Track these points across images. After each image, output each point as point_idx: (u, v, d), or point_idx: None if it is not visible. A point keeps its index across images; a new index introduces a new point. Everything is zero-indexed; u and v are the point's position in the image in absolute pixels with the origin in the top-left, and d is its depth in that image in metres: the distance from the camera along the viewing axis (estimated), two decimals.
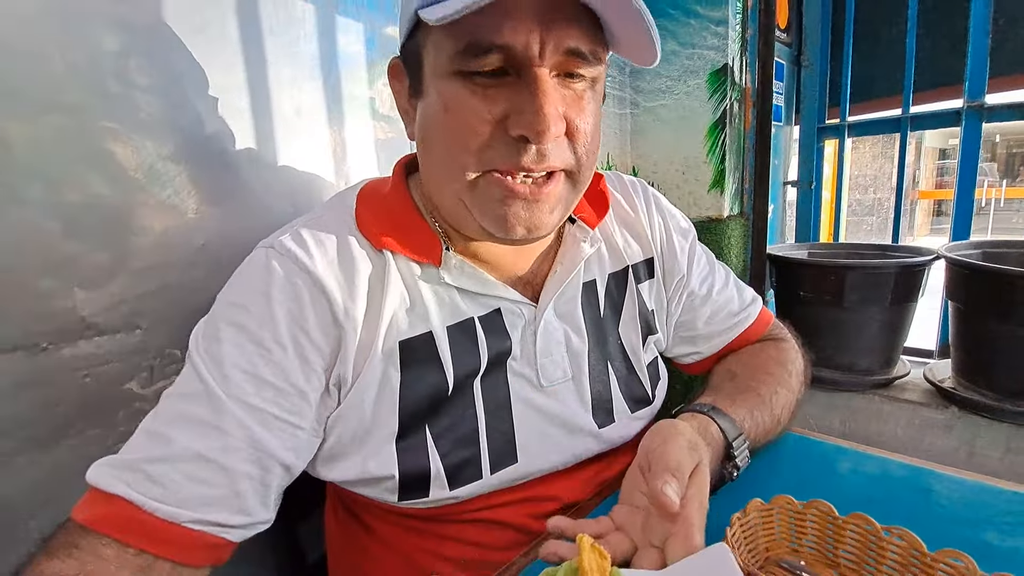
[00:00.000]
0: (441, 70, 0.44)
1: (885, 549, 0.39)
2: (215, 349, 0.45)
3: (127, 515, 0.40)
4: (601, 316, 0.61)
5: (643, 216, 0.67)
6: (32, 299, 0.58)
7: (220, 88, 0.70)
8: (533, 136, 0.42)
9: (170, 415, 0.44)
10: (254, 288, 0.47)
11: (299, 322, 0.46)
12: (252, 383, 0.44)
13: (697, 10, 1.15)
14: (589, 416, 0.58)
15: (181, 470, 0.41)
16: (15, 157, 0.55)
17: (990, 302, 1.03)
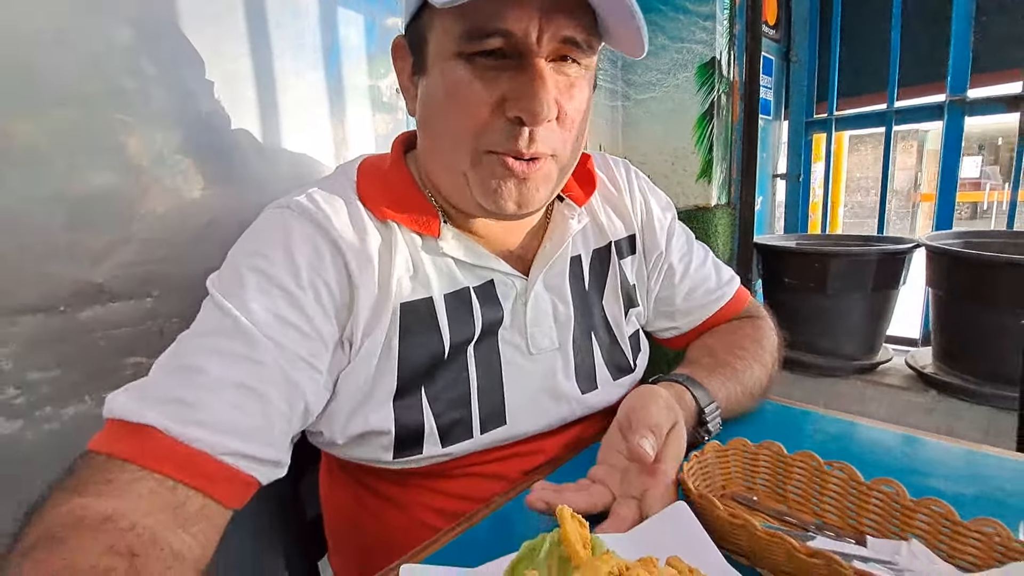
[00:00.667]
0: (445, 51, 0.47)
1: (827, 481, 0.43)
2: (239, 292, 0.45)
3: (163, 446, 0.39)
4: (586, 289, 0.65)
5: (626, 195, 0.70)
6: (53, 266, 0.62)
7: (228, 77, 0.74)
8: (528, 118, 0.45)
9: (198, 349, 0.43)
10: (274, 241, 0.49)
11: (319, 272, 0.48)
12: (279, 324, 0.45)
13: (686, 5, 1.19)
14: (573, 383, 0.61)
15: (221, 398, 0.41)
16: (38, 141, 0.60)
17: (968, 288, 1.06)
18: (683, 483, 0.41)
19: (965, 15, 1.25)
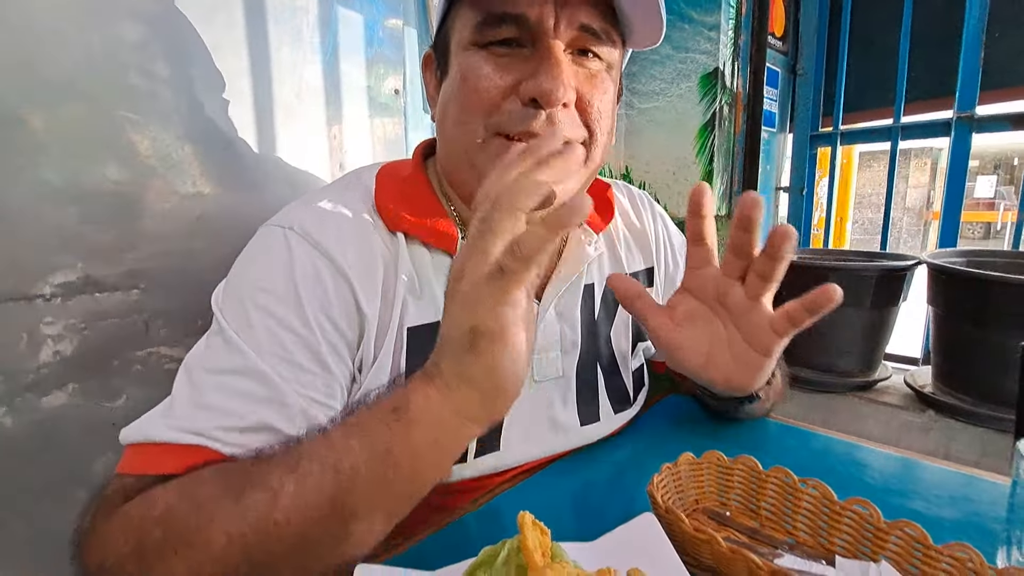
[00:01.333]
0: (463, 44, 0.48)
1: (800, 499, 0.42)
2: (250, 332, 0.44)
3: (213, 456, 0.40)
4: (595, 319, 0.63)
5: (648, 227, 0.70)
6: (44, 255, 0.63)
7: (226, 72, 0.75)
8: (542, 97, 0.44)
9: (221, 389, 0.43)
10: (278, 272, 0.47)
11: (325, 310, 0.46)
12: (292, 369, 0.44)
13: (691, 15, 1.19)
14: (574, 414, 0.60)
15: (256, 439, 0.41)
16: (35, 133, 0.60)
17: (967, 307, 1.05)
18: (651, 496, 0.40)
19: (976, 31, 1.24)
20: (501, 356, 0.36)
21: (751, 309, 0.47)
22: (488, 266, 0.34)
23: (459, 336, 0.36)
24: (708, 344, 0.51)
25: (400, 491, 0.37)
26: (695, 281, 0.51)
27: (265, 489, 0.35)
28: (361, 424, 0.37)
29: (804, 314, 0.44)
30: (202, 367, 0.44)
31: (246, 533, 0.34)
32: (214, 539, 0.34)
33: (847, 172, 3.28)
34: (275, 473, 0.36)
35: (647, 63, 1.27)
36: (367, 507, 0.36)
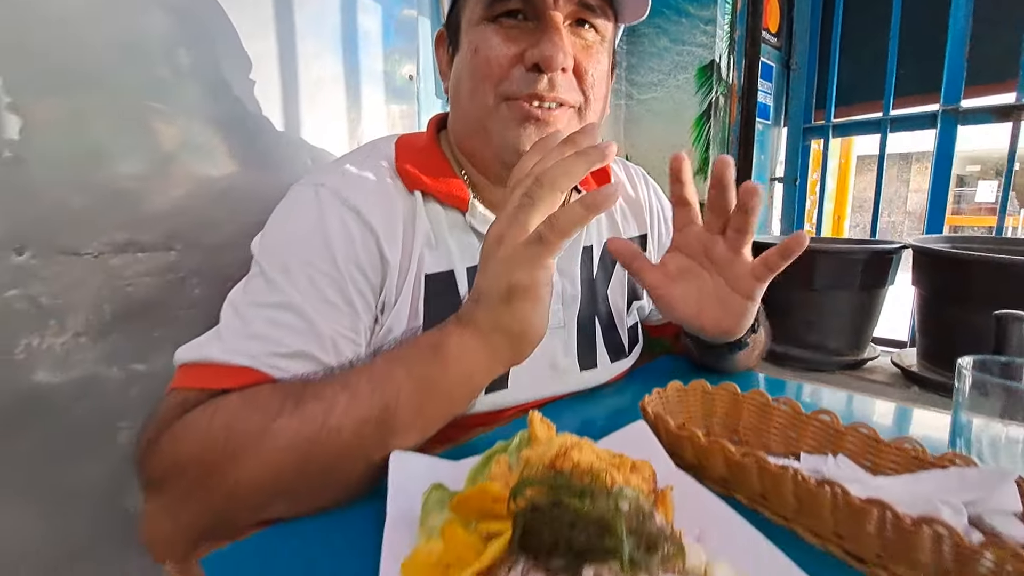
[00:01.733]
0: (474, 20, 0.54)
1: (772, 414, 0.47)
2: (286, 277, 0.49)
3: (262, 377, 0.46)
4: (593, 277, 0.70)
5: (643, 198, 0.77)
6: (91, 215, 0.69)
7: (254, 56, 0.81)
8: (543, 62, 0.50)
9: (265, 321, 0.48)
10: (311, 223, 0.52)
11: (353, 257, 0.52)
12: (325, 306, 0.50)
13: (688, 9, 1.25)
14: (574, 360, 0.66)
15: (294, 364, 0.47)
16: (89, 104, 0.67)
17: (950, 287, 1.10)
18: (642, 409, 0.46)
19: (960, 29, 1.30)
20: (531, 309, 0.43)
21: (733, 260, 0.55)
22: (527, 234, 0.41)
23: (496, 290, 0.43)
24: (698, 295, 0.59)
25: (434, 413, 0.44)
26: (682, 239, 0.58)
27: (321, 400, 0.41)
28: (404, 357, 0.44)
29: (778, 259, 0.51)
30: (246, 303, 0.49)
31: (305, 437, 0.40)
32: (275, 441, 0.39)
33: (845, 172, 3.33)
34: (330, 389, 0.42)
35: (646, 55, 1.33)
36: (406, 423, 0.42)
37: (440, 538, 0.32)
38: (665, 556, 0.25)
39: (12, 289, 0.65)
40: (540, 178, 0.41)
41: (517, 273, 0.42)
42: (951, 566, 0.30)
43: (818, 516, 0.35)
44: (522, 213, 0.41)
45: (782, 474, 0.36)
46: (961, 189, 12.15)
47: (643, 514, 0.25)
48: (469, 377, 0.45)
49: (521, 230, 0.41)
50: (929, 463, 0.39)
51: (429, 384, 0.43)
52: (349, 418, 0.40)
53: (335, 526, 0.40)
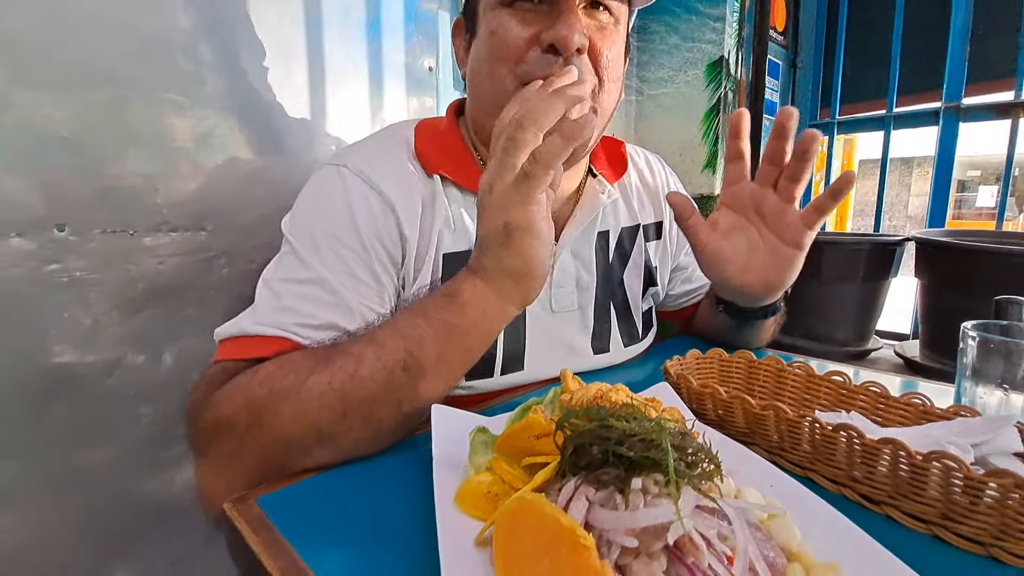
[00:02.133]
0: (490, 5, 0.55)
1: (787, 377, 0.50)
2: (315, 252, 0.52)
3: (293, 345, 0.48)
4: (609, 262, 0.72)
5: (660, 185, 0.79)
6: (127, 194, 0.72)
7: (282, 45, 0.84)
8: (559, 43, 0.51)
9: (297, 296, 0.50)
10: (337, 202, 0.55)
11: (377, 234, 0.54)
12: (352, 281, 0.52)
13: (698, 7, 1.28)
14: (588, 342, 0.68)
15: (325, 335, 0.49)
16: (125, 90, 0.70)
17: (952, 278, 1.13)
18: (665, 371, 0.49)
19: (961, 28, 1.33)
20: (531, 244, 0.46)
21: (784, 210, 0.58)
22: (514, 174, 0.43)
23: (495, 232, 0.45)
24: (747, 250, 0.61)
25: (456, 357, 0.47)
26: (732, 196, 0.61)
27: (349, 356, 0.44)
28: (423, 308, 0.47)
29: (829, 201, 0.55)
30: (278, 279, 0.52)
31: (336, 388, 0.43)
32: (309, 393, 0.42)
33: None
34: (356, 345, 0.45)
35: (656, 52, 1.37)
36: (432, 366, 0.45)
37: (488, 472, 0.35)
38: (705, 472, 0.27)
39: (53, 264, 0.68)
40: (520, 120, 0.43)
41: (511, 212, 0.44)
42: (960, 498, 0.33)
43: (834, 461, 0.38)
44: (507, 156, 0.43)
45: (799, 422, 0.39)
46: (962, 194, 12.19)
47: (684, 434, 0.28)
48: (483, 319, 0.47)
49: (509, 172, 0.43)
50: (936, 415, 0.41)
51: (448, 329, 0.45)
52: (377, 366, 0.43)
53: (382, 472, 0.43)
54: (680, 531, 0.24)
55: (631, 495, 0.26)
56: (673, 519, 0.24)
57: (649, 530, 0.25)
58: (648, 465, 0.26)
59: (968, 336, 0.46)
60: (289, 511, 0.38)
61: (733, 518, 0.26)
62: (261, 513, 0.37)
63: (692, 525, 0.25)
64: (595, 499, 0.27)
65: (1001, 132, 1.31)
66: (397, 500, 0.38)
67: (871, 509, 0.37)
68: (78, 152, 0.68)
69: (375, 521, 0.36)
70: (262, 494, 0.39)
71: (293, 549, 0.33)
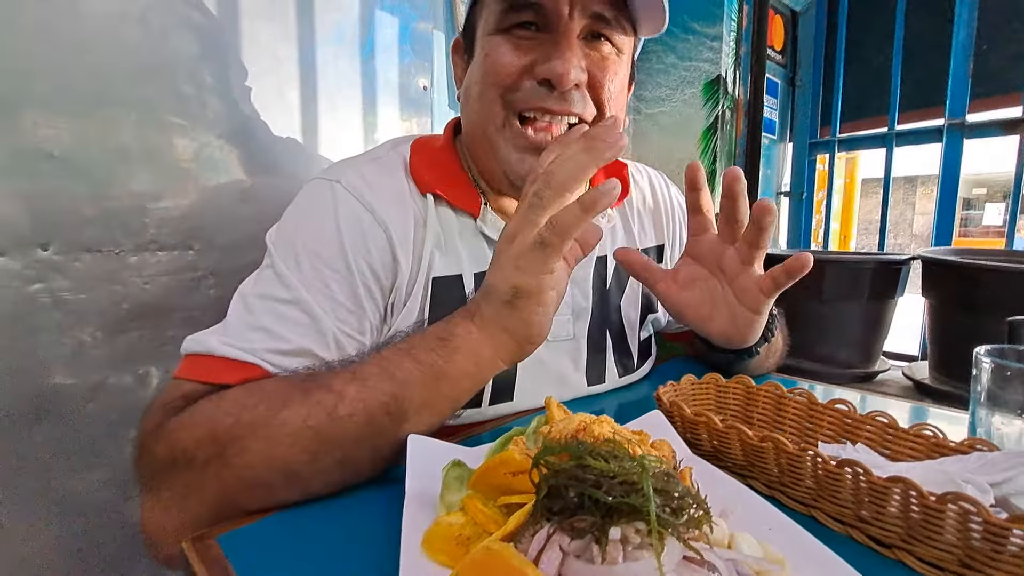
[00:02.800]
0: (488, 30, 0.53)
1: (788, 405, 0.47)
2: (297, 270, 0.50)
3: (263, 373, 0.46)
4: (607, 288, 0.69)
5: (663, 207, 0.76)
6: (114, 214, 0.71)
7: (276, 62, 0.84)
8: (554, 79, 0.50)
9: (270, 314, 0.48)
10: (326, 219, 0.52)
11: (365, 256, 0.52)
12: (331, 305, 0.50)
13: (695, 27, 1.28)
14: (583, 375, 0.65)
15: (294, 362, 0.47)
16: (115, 111, 0.69)
17: (959, 296, 1.10)
18: (657, 399, 0.46)
19: (964, 43, 1.32)
20: (534, 312, 0.44)
21: (742, 271, 0.55)
22: (534, 232, 0.42)
23: (503, 290, 0.44)
24: (709, 303, 0.59)
25: (442, 401, 0.44)
26: (695, 247, 0.59)
27: (330, 391, 0.41)
28: (412, 347, 0.44)
29: (785, 277, 0.53)
30: (254, 294, 0.50)
31: (312, 426, 0.39)
32: (282, 429, 0.39)
33: (850, 192, 3.35)
34: (338, 380, 0.42)
35: (653, 71, 1.36)
36: (416, 410, 0.42)
37: (460, 512, 0.32)
38: (692, 519, 0.25)
39: (36, 283, 0.66)
40: (548, 178, 0.42)
41: (523, 276, 0.43)
42: (979, 543, 0.30)
43: (839, 499, 0.35)
44: (532, 212, 0.42)
45: (801, 456, 0.36)
46: (968, 212, 12.14)
47: (669, 476, 0.25)
48: (474, 368, 0.45)
49: (530, 229, 0.42)
50: (950, 449, 0.38)
51: (436, 373, 0.43)
52: (360, 406, 0.40)
53: (353, 506, 0.40)
54: None
55: (608, 546, 0.23)
56: (655, 575, 0.22)
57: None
58: (628, 511, 0.24)
59: (982, 362, 0.43)
60: (250, 550, 0.35)
61: (723, 571, 0.23)
62: (219, 553, 0.35)
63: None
64: (570, 549, 0.24)
65: (1007, 149, 1.29)
66: (366, 539, 0.35)
67: (883, 553, 0.34)
68: (66, 171, 0.67)
69: (339, 563, 0.33)
70: (222, 532, 0.37)
71: None
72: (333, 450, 0.40)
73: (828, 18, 1.50)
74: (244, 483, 0.39)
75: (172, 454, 0.39)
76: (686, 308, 0.60)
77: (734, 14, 1.27)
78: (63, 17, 0.65)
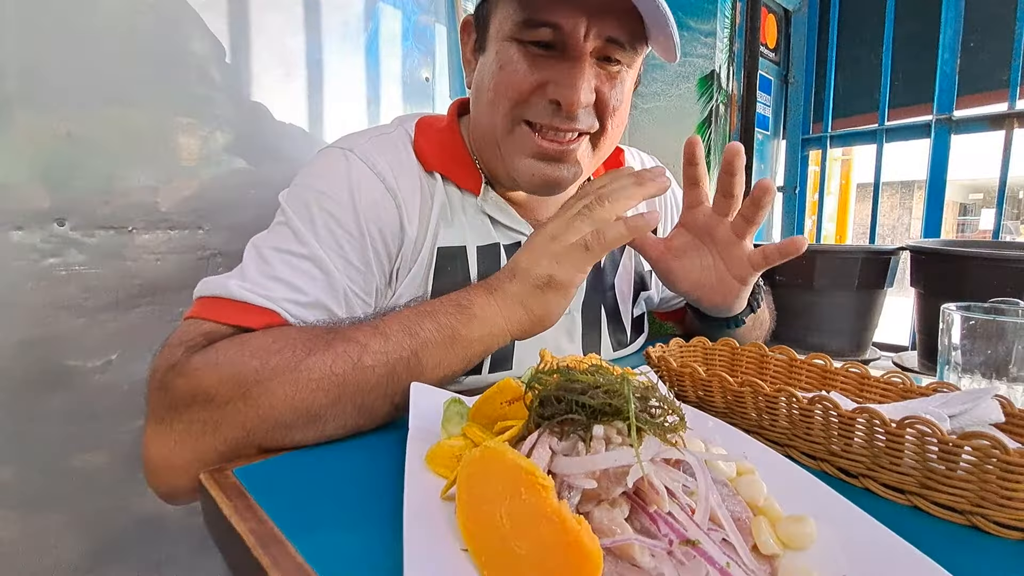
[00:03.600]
0: (502, 34, 0.53)
1: (769, 362, 0.50)
2: (311, 227, 0.52)
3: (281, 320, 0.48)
4: (601, 266, 0.72)
5: None
6: (129, 192, 0.73)
7: (283, 54, 0.87)
8: (564, 105, 0.51)
9: (287, 266, 0.50)
10: (340, 183, 0.54)
11: (376, 221, 0.54)
12: (343, 262, 0.53)
13: (689, 23, 1.32)
14: (579, 346, 0.68)
15: (311, 313, 0.50)
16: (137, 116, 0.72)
17: (945, 285, 1.13)
18: (647, 356, 0.49)
19: (951, 41, 1.36)
20: (558, 302, 0.51)
21: (734, 243, 0.59)
22: (577, 240, 0.49)
23: (537, 275, 0.50)
24: (698, 271, 0.63)
25: (452, 363, 0.48)
26: (690, 218, 0.62)
27: (354, 342, 0.44)
28: (432, 311, 0.48)
29: (776, 255, 0.57)
30: (270, 246, 0.52)
31: (337, 373, 0.42)
32: (309, 373, 0.41)
33: (845, 193, 3.38)
34: (362, 332, 0.45)
35: (649, 67, 1.40)
36: (432, 369, 0.46)
37: (461, 436, 0.35)
38: (669, 424, 0.27)
39: (52, 257, 0.69)
40: (602, 197, 0.50)
41: (561, 270, 0.49)
42: (936, 464, 0.32)
43: (811, 435, 0.38)
44: (578, 221, 0.50)
45: (776, 397, 0.39)
46: (964, 217, 12.20)
47: (648, 387, 0.28)
48: (487, 334, 0.49)
49: (574, 235, 0.50)
50: (917, 392, 0.41)
51: (453, 335, 0.47)
52: (382, 359, 0.43)
53: (361, 447, 0.42)
54: (639, 474, 0.24)
55: (593, 442, 0.26)
56: (633, 462, 0.24)
57: (609, 474, 0.25)
58: (611, 413, 0.27)
59: (950, 314, 0.46)
60: (263, 482, 0.38)
61: (695, 466, 0.26)
62: (236, 482, 0.37)
63: (653, 471, 0.25)
64: (558, 448, 0.27)
65: (999, 149, 1.32)
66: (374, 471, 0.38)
67: (850, 483, 0.37)
68: (82, 150, 0.69)
69: (349, 488, 0.36)
70: (238, 466, 0.39)
71: (263, 510, 0.33)
72: (354, 396, 0.42)
73: (820, 17, 1.54)
74: (265, 423, 0.41)
75: (193, 391, 0.41)
76: (676, 274, 0.63)
77: (727, 11, 1.31)
78: (80, 11, 0.68)
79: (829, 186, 1.71)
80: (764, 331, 0.76)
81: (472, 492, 0.26)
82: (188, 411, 0.41)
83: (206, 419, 0.41)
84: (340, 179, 0.55)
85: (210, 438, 0.41)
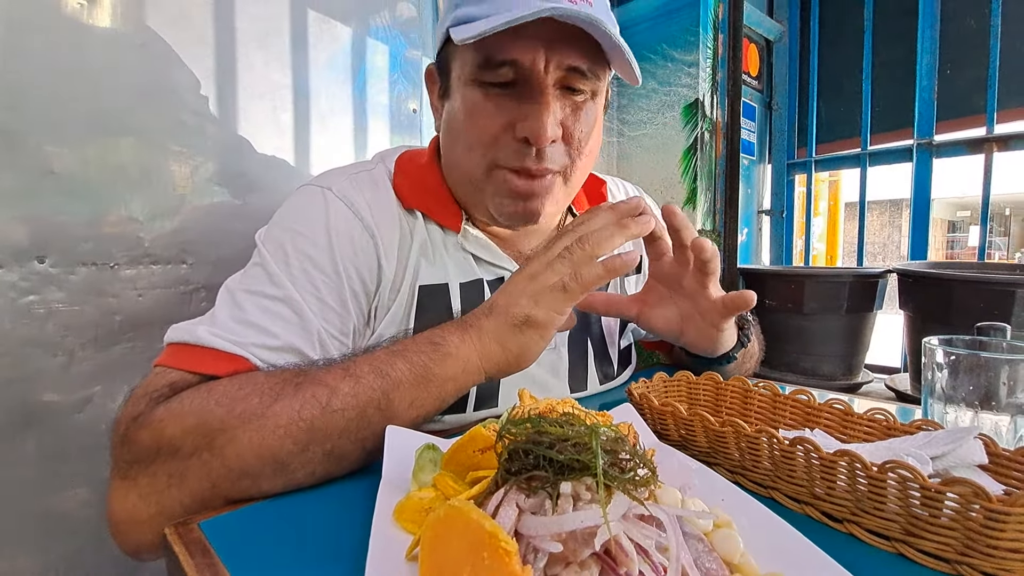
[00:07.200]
0: (464, 78, 0.54)
1: (753, 397, 0.49)
2: (286, 270, 0.51)
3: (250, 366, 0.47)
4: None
5: None
6: (110, 228, 0.73)
7: (271, 86, 0.88)
8: (533, 140, 0.51)
9: (259, 310, 0.49)
10: (317, 222, 0.54)
11: (354, 261, 0.54)
12: (319, 304, 0.52)
13: (673, 55, 1.35)
14: (564, 382, 0.68)
15: (282, 357, 0.49)
16: (119, 131, 0.73)
17: (933, 308, 1.13)
18: (628, 393, 0.48)
19: (929, 67, 1.40)
20: (536, 342, 0.50)
21: (700, 293, 0.59)
22: (556, 281, 0.48)
23: (515, 314, 0.49)
24: (677, 320, 0.64)
25: (429, 400, 0.46)
26: (657, 270, 0.63)
27: (324, 385, 0.42)
28: (404, 349, 0.47)
29: (733, 307, 0.57)
30: (243, 289, 0.51)
31: (305, 418, 0.41)
32: (276, 420, 0.40)
33: (834, 214, 3.42)
34: (331, 375, 0.43)
35: (635, 96, 1.42)
36: (404, 410, 0.44)
37: (431, 488, 0.34)
38: (640, 479, 0.27)
39: (30, 295, 0.68)
40: (583, 240, 0.49)
41: (539, 310, 0.48)
42: (919, 510, 0.32)
43: (794, 478, 0.37)
44: (559, 262, 0.49)
45: (758, 438, 0.38)
46: (953, 235, 12.35)
47: (618, 439, 0.27)
48: (461, 374, 0.47)
49: (554, 275, 0.49)
50: (900, 430, 0.40)
51: (426, 375, 0.45)
52: (352, 401, 0.42)
53: (332, 495, 0.41)
54: (607, 536, 0.23)
55: (560, 500, 0.25)
56: (601, 523, 0.24)
57: (576, 536, 0.24)
58: (579, 469, 0.26)
59: (932, 351, 0.45)
60: (231, 535, 0.36)
61: (666, 523, 0.25)
62: (201, 536, 0.36)
63: (624, 531, 0.24)
64: (526, 506, 0.26)
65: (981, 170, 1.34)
66: (345, 523, 0.37)
67: (835, 528, 0.36)
68: (65, 187, 0.69)
69: (317, 542, 0.35)
70: (204, 519, 0.38)
71: (224, 569, 0.31)
72: (323, 441, 0.41)
73: (800, 46, 1.58)
74: (231, 473, 0.39)
75: (157, 443, 0.40)
76: (658, 325, 0.64)
77: (709, 43, 1.34)
78: (63, 46, 0.69)
79: (817, 208, 1.73)
80: (754, 362, 0.76)
81: (436, 553, 0.25)
82: (152, 464, 0.40)
83: (171, 471, 0.39)
84: (317, 218, 0.55)
85: (175, 491, 0.39)
